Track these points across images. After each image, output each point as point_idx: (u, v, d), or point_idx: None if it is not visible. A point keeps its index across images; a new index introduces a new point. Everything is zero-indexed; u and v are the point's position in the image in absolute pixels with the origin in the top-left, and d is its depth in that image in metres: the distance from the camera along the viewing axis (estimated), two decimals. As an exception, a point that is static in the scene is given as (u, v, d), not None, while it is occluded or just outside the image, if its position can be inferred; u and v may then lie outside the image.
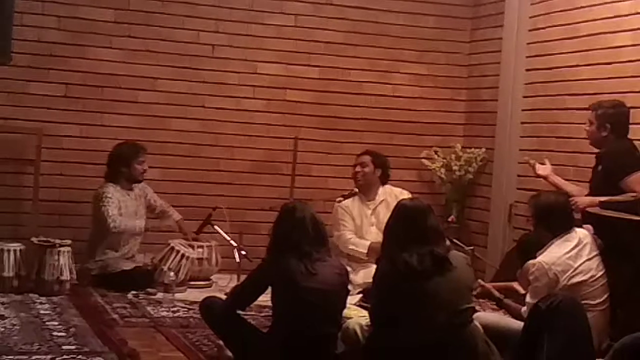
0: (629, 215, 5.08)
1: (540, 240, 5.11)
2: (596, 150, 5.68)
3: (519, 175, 7.25)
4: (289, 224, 4.63)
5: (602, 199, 5.34)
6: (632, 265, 5.07)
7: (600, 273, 5.02)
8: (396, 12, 7.85)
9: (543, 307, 4.48)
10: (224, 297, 5.03)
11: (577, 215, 5.34)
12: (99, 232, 6.62)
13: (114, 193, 6.61)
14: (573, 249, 4.98)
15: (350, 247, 6.75)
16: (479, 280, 5.32)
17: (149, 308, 5.98)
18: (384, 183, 6.87)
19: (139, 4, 7.26)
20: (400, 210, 4.58)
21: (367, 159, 6.84)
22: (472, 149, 7.71)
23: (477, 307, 4.86)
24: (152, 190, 6.93)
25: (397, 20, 7.87)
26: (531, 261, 5.04)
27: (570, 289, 4.86)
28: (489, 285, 5.30)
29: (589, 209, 5.34)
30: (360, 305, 5.81)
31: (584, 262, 4.96)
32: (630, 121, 5.63)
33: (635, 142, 5.62)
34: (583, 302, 4.86)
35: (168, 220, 6.89)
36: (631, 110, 5.67)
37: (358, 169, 6.82)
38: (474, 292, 4.52)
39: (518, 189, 7.24)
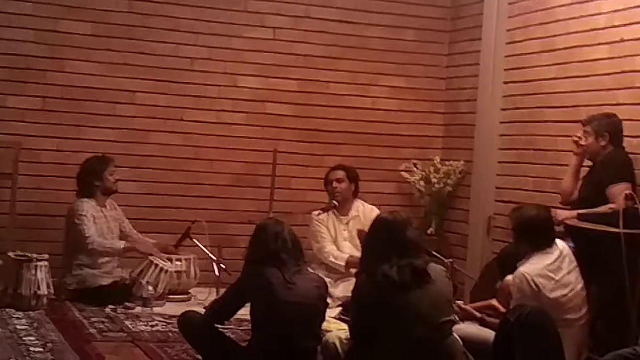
0: (607, 228, 5.11)
1: (521, 253, 5.12)
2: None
3: (497, 188, 7.27)
4: (267, 236, 4.63)
5: (581, 211, 5.38)
6: (611, 277, 5.09)
7: (580, 286, 5.04)
8: (376, 25, 7.88)
9: (512, 320, 4.49)
10: (203, 311, 5.00)
11: (559, 228, 5.36)
12: (76, 248, 6.57)
13: (88, 209, 6.56)
14: (554, 262, 5.00)
15: (331, 259, 6.77)
16: (459, 303, 5.31)
17: (127, 322, 5.94)
18: (355, 197, 6.91)
19: (118, 18, 7.24)
20: (380, 223, 4.58)
21: (342, 174, 6.89)
22: (451, 162, 7.72)
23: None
24: (127, 220, 6.89)
25: (377, 33, 7.89)
26: (510, 276, 5.05)
27: (552, 302, 4.87)
28: (469, 307, 5.30)
29: (567, 222, 5.37)
30: (340, 319, 5.83)
31: (564, 275, 4.98)
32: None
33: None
34: (564, 316, 4.88)
35: (146, 247, 6.78)
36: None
37: (336, 184, 6.85)
38: (456, 317, 4.53)
39: (497, 201, 7.26)
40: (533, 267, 4.97)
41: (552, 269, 4.98)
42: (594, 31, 6.36)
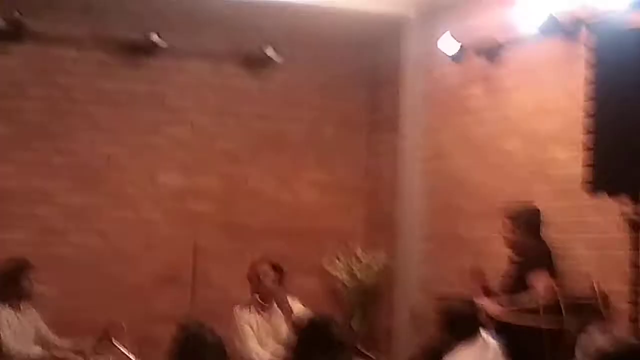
0: (528, 321, 5.15)
1: (446, 345, 5.11)
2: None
3: (421, 279, 7.29)
4: (189, 342, 4.51)
5: (503, 306, 5.41)
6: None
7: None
8: (296, 119, 7.94)
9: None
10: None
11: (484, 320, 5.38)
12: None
13: (4, 315, 6.35)
14: (480, 354, 4.99)
15: (254, 357, 6.64)
16: None
17: None
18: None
19: (33, 117, 7.15)
20: (304, 324, 4.52)
21: (267, 267, 6.81)
22: (374, 254, 7.73)
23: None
24: (44, 324, 6.68)
25: (297, 126, 7.94)
26: (437, 369, 5.02)
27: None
28: None
29: (492, 315, 5.40)
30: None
31: (489, 368, 4.98)
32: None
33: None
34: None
35: (63, 352, 6.57)
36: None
37: (262, 277, 6.76)
38: None
39: (421, 292, 7.27)
40: (458, 360, 4.96)
41: (478, 361, 4.97)
42: (508, 122, 6.51)
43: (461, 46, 6.84)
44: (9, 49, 7.13)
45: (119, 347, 6.59)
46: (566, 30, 5.97)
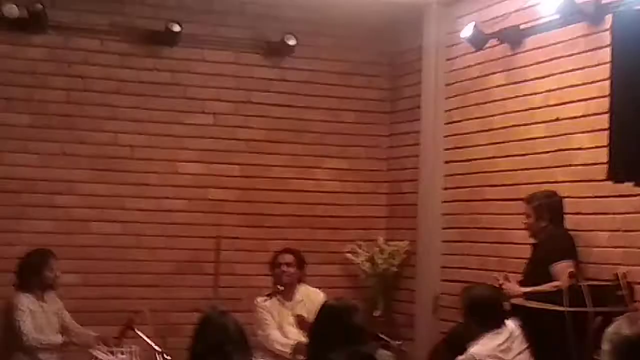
0: (551, 306, 5.12)
1: (470, 333, 5.11)
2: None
3: (443, 267, 7.28)
4: (210, 328, 4.52)
5: (526, 289, 5.39)
6: (559, 357, 5.07)
7: (530, 367, 5.03)
8: (316, 108, 7.93)
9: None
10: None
11: (508, 307, 5.37)
12: (13, 344, 6.37)
13: (27, 304, 6.39)
14: (504, 342, 4.99)
15: (276, 346, 6.65)
16: None
17: (69, 420, 5.74)
18: (300, 282, 6.83)
19: (56, 108, 7.18)
20: (326, 310, 4.53)
21: (291, 258, 6.80)
22: (395, 242, 7.72)
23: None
24: (68, 314, 6.73)
25: (318, 116, 7.94)
26: (461, 357, 5.01)
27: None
28: None
29: (513, 301, 5.38)
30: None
31: (515, 356, 4.97)
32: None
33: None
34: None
35: (87, 340, 6.61)
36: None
37: (284, 268, 6.76)
38: None
39: (442, 280, 7.26)
40: (483, 348, 4.96)
41: (503, 349, 4.98)
42: (530, 110, 6.48)
43: (483, 33, 6.79)
44: (31, 40, 7.16)
45: (142, 335, 6.63)
46: (588, 15, 5.92)
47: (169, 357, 6.45)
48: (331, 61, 7.96)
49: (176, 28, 7.30)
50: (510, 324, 5.09)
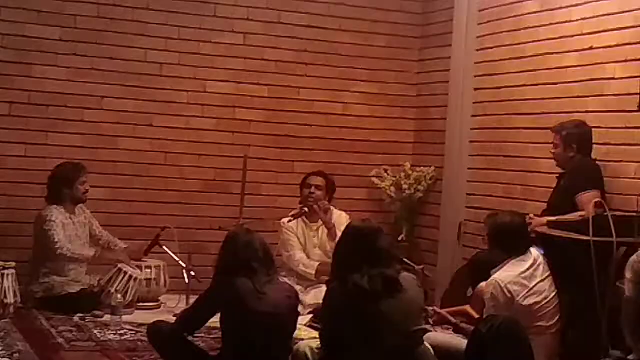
0: (576, 235, 5.13)
1: (494, 259, 5.14)
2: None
3: (468, 194, 7.29)
4: (237, 245, 4.59)
5: (551, 218, 5.39)
6: (581, 286, 5.10)
7: (553, 294, 5.05)
8: (346, 30, 7.87)
9: (483, 330, 4.45)
10: (172, 319, 4.95)
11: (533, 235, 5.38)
12: (43, 255, 6.49)
13: (57, 216, 6.49)
14: (528, 269, 5.02)
15: (301, 267, 6.74)
16: (434, 307, 5.31)
17: (95, 331, 5.86)
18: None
19: (85, 22, 7.16)
20: (351, 231, 4.57)
21: (321, 181, 6.83)
22: (422, 168, 7.73)
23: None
24: (97, 221, 6.82)
25: (348, 39, 7.88)
26: (484, 282, 5.05)
27: (525, 309, 4.89)
28: (444, 311, 5.29)
29: (537, 229, 5.39)
30: (310, 326, 5.80)
31: (538, 282, 5.01)
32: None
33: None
34: (536, 323, 4.88)
35: (115, 253, 6.72)
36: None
37: (313, 190, 6.78)
38: (430, 320, 4.51)
39: (467, 207, 7.27)
40: (506, 274, 4.99)
41: (526, 276, 5.00)
42: (563, 38, 6.39)
43: (518, -42, 6.67)
44: (62, -48, 7.12)
45: (168, 251, 6.73)
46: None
47: (193, 273, 6.58)
48: (363, -17, 7.87)
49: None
50: (535, 251, 5.10)
